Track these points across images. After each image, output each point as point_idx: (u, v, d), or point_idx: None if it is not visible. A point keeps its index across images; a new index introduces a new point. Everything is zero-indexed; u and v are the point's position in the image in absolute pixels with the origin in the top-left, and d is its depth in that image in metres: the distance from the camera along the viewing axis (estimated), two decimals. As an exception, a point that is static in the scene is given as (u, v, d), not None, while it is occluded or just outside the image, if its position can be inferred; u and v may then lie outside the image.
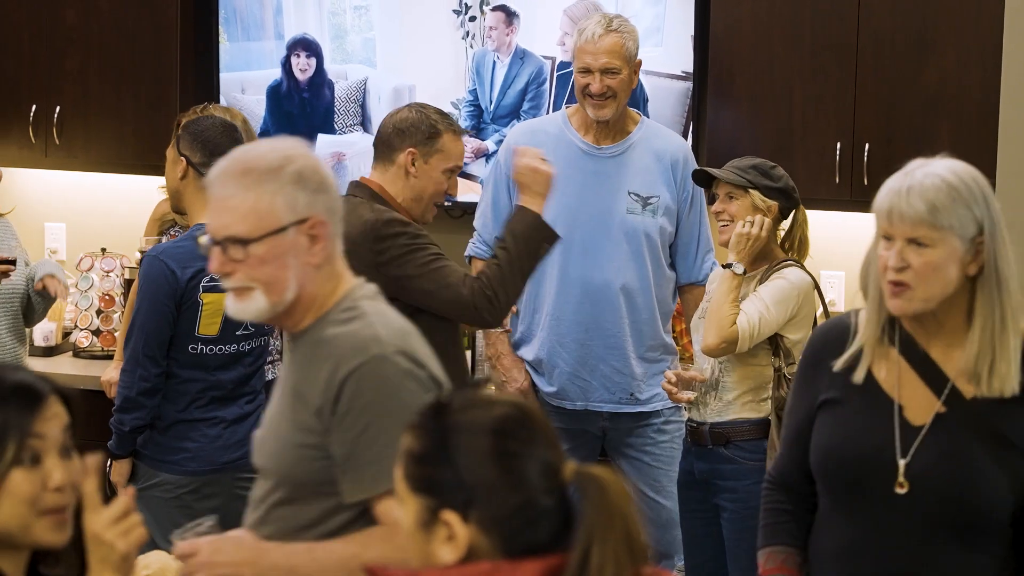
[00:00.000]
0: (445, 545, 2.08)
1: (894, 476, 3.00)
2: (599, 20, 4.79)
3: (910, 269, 2.92)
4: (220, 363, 4.60)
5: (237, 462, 4.67)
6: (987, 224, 2.94)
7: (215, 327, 4.56)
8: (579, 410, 4.94)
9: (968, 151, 4.93)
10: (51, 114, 5.84)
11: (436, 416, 2.14)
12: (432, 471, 2.10)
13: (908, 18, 5.05)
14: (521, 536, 2.07)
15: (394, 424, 2.63)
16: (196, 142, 4.56)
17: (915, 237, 2.93)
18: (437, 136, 4.29)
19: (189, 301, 4.49)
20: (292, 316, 2.85)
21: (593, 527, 2.03)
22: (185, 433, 4.60)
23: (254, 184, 2.79)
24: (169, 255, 4.51)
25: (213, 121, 4.66)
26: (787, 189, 4.51)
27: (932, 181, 2.95)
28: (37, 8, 5.85)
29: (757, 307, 4.42)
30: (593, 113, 4.80)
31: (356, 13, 5.69)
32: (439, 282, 4.16)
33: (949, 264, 2.93)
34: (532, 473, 2.08)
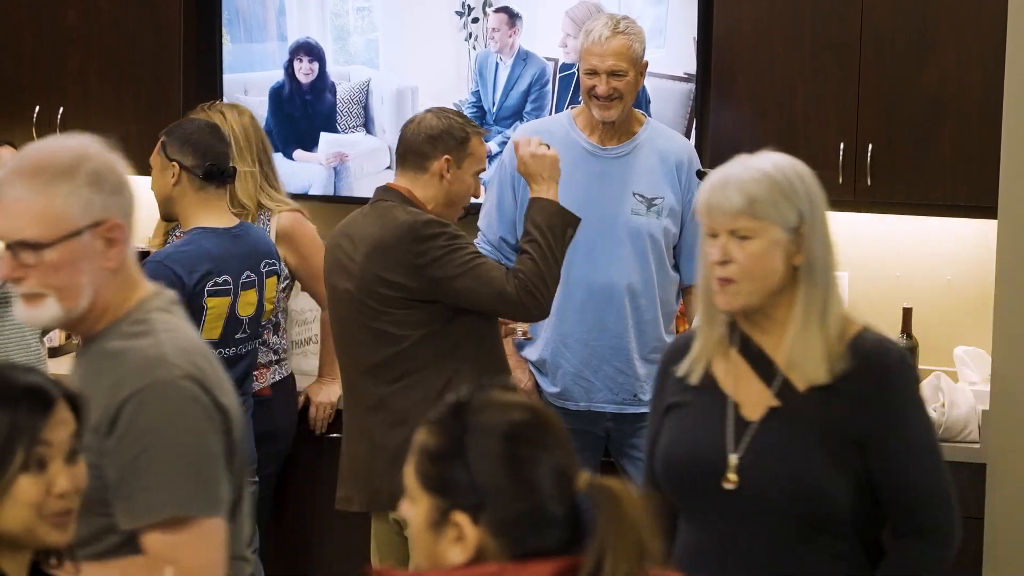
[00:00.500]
0: (454, 546, 2.08)
1: (724, 472, 3.02)
2: (606, 22, 4.80)
3: (734, 263, 2.95)
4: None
5: None
6: (808, 214, 2.98)
7: (217, 331, 4.56)
8: (582, 411, 4.94)
9: (970, 150, 5.00)
10: (54, 115, 5.84)
11: (454, 415, 2.14)
12: (446, 470, 2.10)
13: (910, 18, 5.04)
14: (530, 541, 2.07)
15: (172, 451, 2.59)
16: (186, 145, 4.55)
17: (735, 229, 2.95)
18: (467, 141, 4.34)
19: (195, 306, 4.48)
20: (85, 323, 2.73)
21: (606, 540, 2.03)
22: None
23: (46, 185, 2.64)
24: (174, 260, 4.49)
25: (198, 124, 4.66)
26: None
27: (750, 174, 2.98)
28: (38, 8, 5.85)
29: None
30: (599, 114, 4.81)
31: (359, 14, 5.68)
32: (482, 280, 4.19)
33: (772, 255, 2.96)
34: (545, 479, 2.09)
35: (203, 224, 4.57)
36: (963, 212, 5.10)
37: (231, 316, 4.58)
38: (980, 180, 4.99)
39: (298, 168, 5.77)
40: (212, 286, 4.51)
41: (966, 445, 4.88)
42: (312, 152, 5.76)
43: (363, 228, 4.31)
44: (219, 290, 4.54)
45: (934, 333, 5.33)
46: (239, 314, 4.61)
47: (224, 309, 4.56)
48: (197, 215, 4.58)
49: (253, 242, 4.68)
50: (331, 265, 4.41)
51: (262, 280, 4.67)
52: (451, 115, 4.40)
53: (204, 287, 4.50)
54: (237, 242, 4.60)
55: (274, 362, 5.16)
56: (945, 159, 5.05)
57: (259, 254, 4.68)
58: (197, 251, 4.52)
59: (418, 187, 4.34)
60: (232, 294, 4.57)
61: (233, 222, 4.65)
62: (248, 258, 4.63)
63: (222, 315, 4.55)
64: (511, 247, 4.95)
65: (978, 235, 5.29)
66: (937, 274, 5.39)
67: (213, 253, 4.53)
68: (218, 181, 4.57)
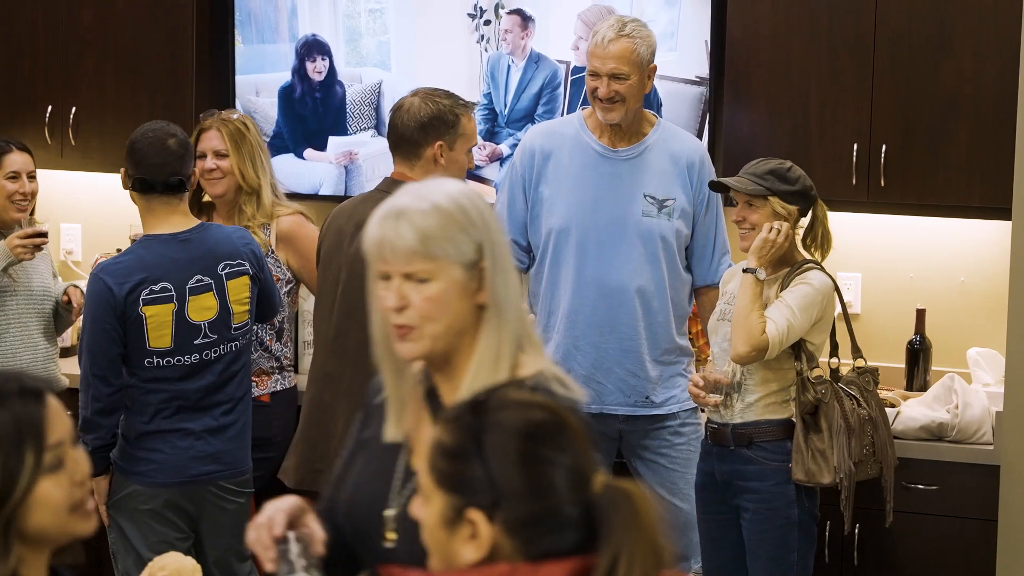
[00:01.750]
0: (468, 544, 2.08)
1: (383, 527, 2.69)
2: (612, 24, 4.79)
3: (411, 308, 2.61)
4: (181, 374, 4.57)
5: (214, 474, 4.66)
6: (487, 248, 2.63)
7: (167, 339, 4.54)
8: (594, 413, 4.92)
9: (985, 152, 4.99)
10: (67, 115, 5.85)
11: (472, 413, 2.13)
12: (462, 468, 2.09)
13: (925, 19, 5.04)
14: (544, 540, 2.07)
15: None
16: (128, 156, 4.59)
17: (411, 272, 2.60)
18: (457, 123, 4.43)
19: (132, 316, 4.48)
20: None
21: (621, 542, 2.03)
22: (152, 444, 4.59)
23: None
24: (107, 271, 4.51)
25: (145, 132, 4.63)
26: (805, 190, 4.52)
27: (420, 207, 2.62)
28: (53, 9, 5.88)
29: (784, 314, 4.43)
30: (602, 116, 4.81)
31: (371, 16, 5.69)
32: None
33: (452, 296, 2.62)
34: (561, 480, 2.07)
35: (150, 231, 4.57)
36: (977, 213, 5.09)
37: (181, 322, 4.55)
38: (995, 181, 4.99)
39: (309, 168, 5.77)
40: (148, 294, 4.49)
41: (979, 447, 4.88)
42: (323, 152, 5.76)
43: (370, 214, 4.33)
44: (156, 298, 4.51)
45: (948, 334, 5.33)
46: (191, 319, 4.57)
47: (167, 316, 4.53)
48: (146, 222, 4.61)
49: (209, 246, 4.61)
50: (330, 247, 4.50)
51: (221, 282, 4.61)
52: (438, 97, 4.45)
53: (139, 296, 4.48)
54: (185, 247, 4.56)
55: (276, 369, 5.14)
56: (960, 160, 5.04)
57: (215, 256, 4.61)
58: (131, 261, 4.53)
59: (417, 175, 4.39)
60: (176, 300, 4.54)
61: (186, 226, 4.59)
62: (197, 262, 4.57)
63: (167, 322, 4.52)
64: (521, 249, 4.96)
65: (992, 236, 5.28)
66: (951, 275, 5.38)
67: (148, 262, 4.51)
68: (156, 192, 4.54)
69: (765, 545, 4.56)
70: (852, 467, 4.48)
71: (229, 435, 4.68)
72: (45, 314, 5.26)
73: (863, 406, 4.56)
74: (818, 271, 4.52)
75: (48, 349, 5.28)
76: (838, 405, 4.48)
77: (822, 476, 4.46)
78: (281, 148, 5.75)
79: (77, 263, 6.15)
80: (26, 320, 5.20)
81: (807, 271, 4.51)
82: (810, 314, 4.45)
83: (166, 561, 3.62)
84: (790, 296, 4.47)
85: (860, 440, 4.51)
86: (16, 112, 5.92)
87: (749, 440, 4.53)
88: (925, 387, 5.23)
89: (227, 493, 4.71)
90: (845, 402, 4.51)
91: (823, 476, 4.46)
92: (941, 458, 4.90)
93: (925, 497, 4.92)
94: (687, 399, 4.80)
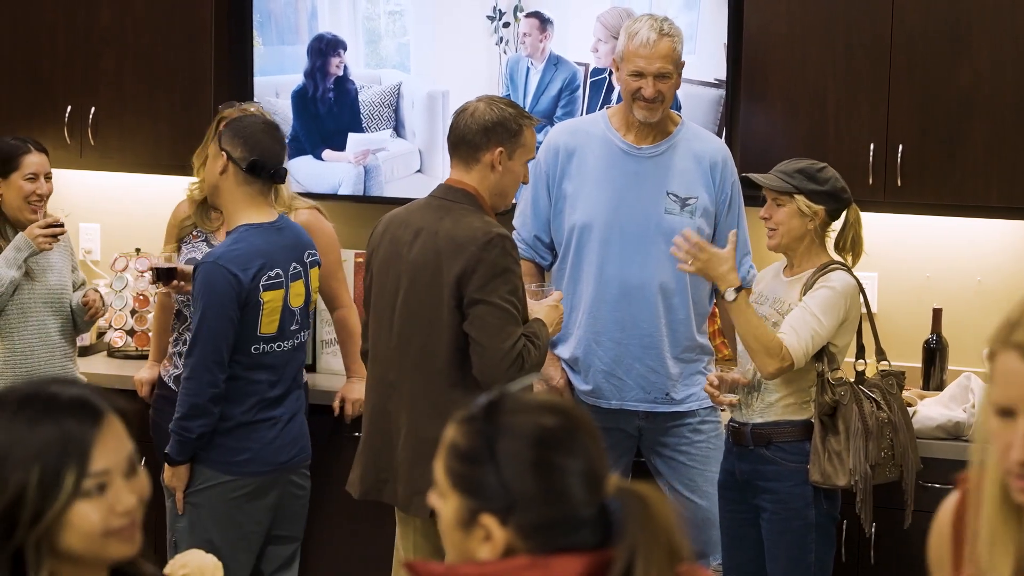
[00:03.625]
0: (482, 545, 2.09)
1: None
2: (651, 24, 4.80)
3: None
4: (280, 360, 4.65)
5: (292, 460, 4.73)
6: None
7: (275, 325, 4.62)
8: (614, 409, 4.95)
9: (1002, 151, 5.01)
10: (86, 115, 5.86)
11: (486, 416, 2.14)
12: (476, 471, 2.10)
13: (941, 18, 5.05)
14: (559, 543, 2.07)
15: None
16: (238, 138, 4.60)
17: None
18: (520, 132, 4.38)
19: (252, 302, 4.55)
20: None
21: (636, 544, 2.04)
22: (248, 434, 4.64)
23: None
24: (228, 259, 4.55)
25: (256, 119, 4.72)
26: (835, 191, 4.51)
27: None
28: (72, 9, 5.89)
29: (809, 323, 4.43)
30: (642, 116, 4.83)
31: (390, 18, 5.71)
32: (500, 324, 4.27)
33: None
34: (575, 486, 2.08)
35: (245, 220, 4.61)
36: (994, 213, 5.11)
37: (285, 309, 4.64)
38: (1012, 181, 5.01)
39: (328, 168, 5.79)
40: (266, 280, 4.57)
41: (996, 446, 4.87)
42: (341, 152, 5.78)
43: (430, 222, 4.38)
44: (273, 284, 4.59)
45: (964, 334, 5.34)
46: (291, 306, 4.66)
47: (279, 303, 4.62)
48: (239, 210, 4.62)
49: (295, 234, 4.74)
50: (387, 253, 4.45)
51: (307, 270, 4.72)
52: (503, 105, 4.42)
53: (259, 283, 4.55)
54: (281, 235, 4.66)
55: None
56: (976, 160, 5.06)
57: (302, 245, 4.73)
58: (248, 248, 4.57)
59: (475, 180, 4.38)
60: (284, 287, 4.62)
61: (274, 216, 4.69)
62: (293, 250, 4.69)
63: (277, 308, 4.60)
64: (545, 246, 4.99)
65: (1009, 236, 5.31)
66: (967, 275, 5.40)
67: (262, 248, 4.58)
68: (263, 177, 4.61)
69: (782, 545, 4.57)
70: (868, 470, 4.47)
71: (300, 420, 4.78)
72: (63, 310, 5.26)
73: (884, 409, 4.55)
74: (842, 272, 4.52)
75: (65, 347, 5.27)
76: (857, 407, 4.48)
77: (838, 478, 4.46)
78: (298, 150, 5.76)
79: (96, 263, 6.16)
80: (43, 317, 5.21)
81: (830, 272, 4.52)
82: (834, 316, 4.46)
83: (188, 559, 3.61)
84: (812, 301, 4.47)
85: (878, 443, 4.50)
86: (35, 112, 5.93)
87: (768, 440, 4.54)
88: (942, 386, 5.24)
89: (300, 479, 4.81)
90: (865, 404, 4.51)
91: (839, 478, 4.46)
92: (958, 457, 4.87)
93: (942, 496, 4.73)
94: (707, 397, 4.81)
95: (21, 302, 5.15)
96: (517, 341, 4.25)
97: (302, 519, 4.91)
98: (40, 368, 5.17)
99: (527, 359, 4.26)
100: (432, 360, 4.36)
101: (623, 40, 4.85)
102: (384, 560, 4.82)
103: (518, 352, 4.24)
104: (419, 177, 5.67)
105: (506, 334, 4.25)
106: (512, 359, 4.24)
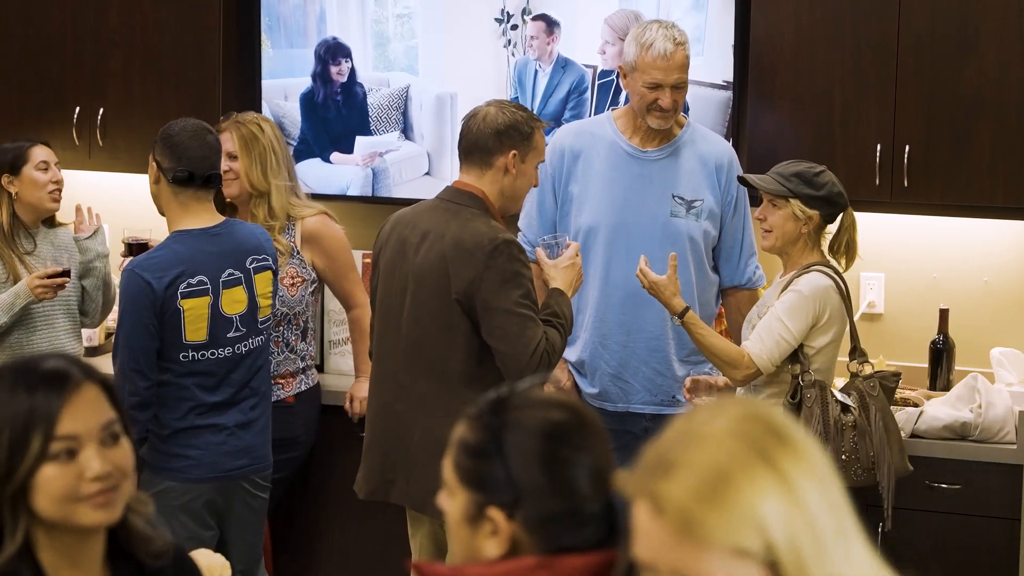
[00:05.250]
0: (489, 540, 2.11)
1: None
2: (664, 34, 4.79)
3: None
4: (217, 368, 4.61)
5: (246, 468, 4.69)
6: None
7: (203, 332, 4.57)
8: (620, 412, 4.96)
9: (1008, 151, 5.02)
10: (94, 116, 5.89)
11: (494, 411, 2.16)
12: (483, 466, 2.12)
13: (948, 19, 5.06)
14: (564, 537, 2.09)
15: None
16: (166, 148, 4.60)
17: None
18: (532, 135, 4.39)
19: (169, 310, 4.51)
20: None
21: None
22: (187, 440, 4.60)
23: None
24: (144, 267, 4.53)
25: (186, 125, 4.67)
26: (830, 196, 4.50)
27: None
28: (81, 10, 5.91)
29: (774, 328, 4.44)
30: (657, 125, 4.84)
31: (399, 21, 5.72)
32: (520, 329, 4.27)
33: None
34: (581, 480, 2.10)
35: (181, 227, 4.59)
36: (1001, 213, 5.11)
37: (217, 315, 4.60)
38: (1018, 181, 5.01)
39: (337, 171, 5.80)
40: (185, 288, 4.53)
41: (1002, 446, 4.88)
42: (349, 154, 5.79)
43: (437, 225, 4.38)
44: (193, 291, 4.55)
45: (971, 334, 5.35)
46: (225, 312, 4.62)
47: (204, 310, 4.57)
48: (175, 217, 4.61)
49: (237, 240, 4.67)
50: (393, 254, 4.45)
51: (249, 276, 4.67)
52: (514, 108, 4.43)
53: (176, 290, 4.52)
54: (215, 241, 4.61)
55: (301, 371, 5.18)
56: (983, 160, 5.06)
57: (243, 251, 4.66)
58: (167, 255, 4.55)
59: (485, 184, 4.38)
60: (212, 293, 4.59)
61: (215, 221, 4.64)
62: (228, 256, 4.63)
63: (203, 315, 4.56)
64: (548, 247, 5.01)
65: (1016, 236, 5.32)
66: (974, 275, 5.40)
67: (183, 255, 4.54)
68: (194, 186, 4.58)
69: None
70: None
71: (256, 429, 4.71)
72: (71, 312, 5.30)
73: (851, 412, 4.48)
74: (815, 274, 4.49)
75: (74, 349, 5.30)
76: (819, 410, 4.44)
77: None
78: (307, 153, 5.77)
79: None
80: (53, 320, 5.23)
81: (803, 275, 4.50)
82: (800, 320, 4.43)
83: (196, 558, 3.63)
84: (779, 306, 4.47)
85: (837, 446, 4.44)
86: (44, 113, 5.95)
87: None
88: (948, 387, 5.24)
89: (255, 488, 4.74)
90: (831, 407, 4.46)
91: None
92: (964, 457, 4.89)
93: (948, 496, 4.92)
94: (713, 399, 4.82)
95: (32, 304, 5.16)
96: (539, 343, 4.25)
97: (258, 526, 4.83)
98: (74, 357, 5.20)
99: (552, 354, 4.28)
100: (445, 362, 4.36)
101: (635, 50, 4.82)
102: (393, 559, 4.83)
103: (541, 352, 4.25)
104: (427, 180, 5.68)
105: (526, 339, 4.25)
106: (537, 361, 4.25)
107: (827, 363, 4.53)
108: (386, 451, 4.47)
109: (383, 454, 4.49)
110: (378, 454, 4.50)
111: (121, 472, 2.35)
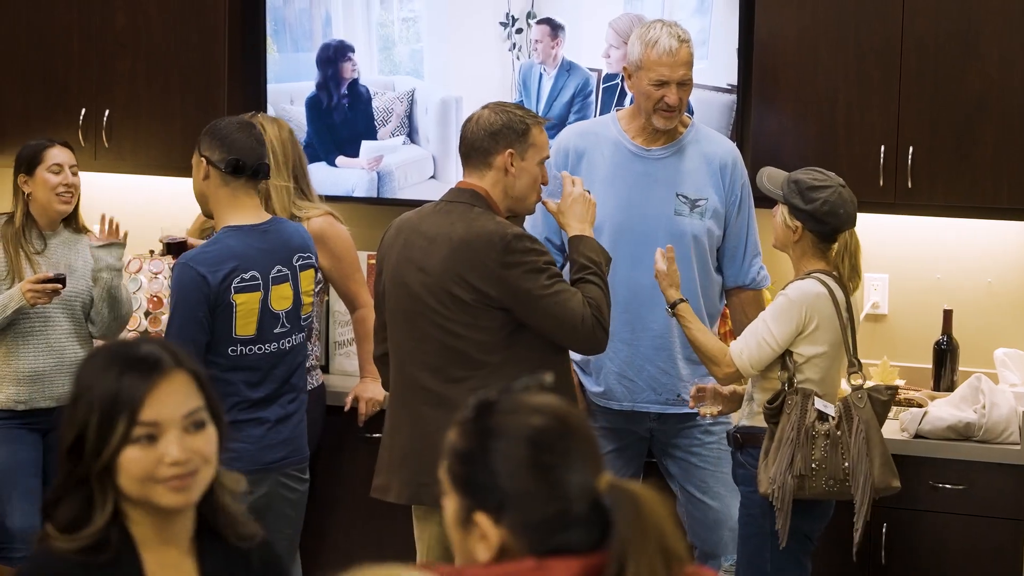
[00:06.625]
0: (479, 543, 2.11)
1: None
2: (669, 31, 4.81)
3: None
4: (262, 363, 4.63)
5: (282, 461, 4.72)
6: None
7: (252, 327, 4.60)
8: (626, 410, 4.96)
9: (1012, 153, 5.03)
10: (100, 117, 5.91)
11: (480, 416, 2.16)
12: (470, 471, 2.13)
13: (951, 21, 5.07)
14: (552, 541, 2.09)
15: None
16: (214, 140, 4.61)
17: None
18: (528, 131, 4.38)
19: (223, 303, 4.54)
20: None
21: (626, 543, 2.04)
22: (232, 434, 4.61)
23: None
24: (198, 260, 4.55)
25: (230, 120, 4.70)
26: (817, 214, 4.42)
27: None
28: (87, 12, 5.94)
29: (758, 331, 4.44)
30: (663, 124, 4.85)
31: (404, 25, 5.73)
32: (562, 306, 4.27)
33: None
34: (566, 485, 2.10)
35: (231, 222, 4.62)
36: (1004, 214, 5.11)
37: (265, 311, 4.62)
38: (1022, 182, 5.03)
39: (341, 175, 5.82)
40: (239, 283, 4.56)
41: (1007, 447, 4.88)
42: (355, 158, 5.81)
43: (442, 227, 4.36)
44: (246, 286, 4.58)
45: (974, 335, 5.35)
46: (273, 308, 4.65)
47: (255, 305, 4.60)
48: (226, 212, 4.63)
49: (284, 237, 4.71)
50: (400, 259, 4.44)
51: (295, 274, 4.70)
52: (509, 108, 4.43)
53: (230, 284, 4.54)
54: (265, 237, 4.64)
55: (308, 370, 5.19)
56: (986, 161, 5.07)
57: (290, 248, 4.70)
58: (221, 250, 4.58)
59: (488, 184, 4.38)
60: (262, 289, 4.62)
61: (263, 218, 4.68)
62: (277, 253, 4.66)
63: (254, 311, 4.59)
64: (556, 248, 4.98)
65: (1019, 237, 5.33)
66: (978, 276, 5.41)
67: (237, 251, 4.57)
68: (245, 176, 4.60)
69: (745, 549, 4.56)
70: (790, 480, 4.35)
71: (295, 422, 4.75)
72: (76, 316, 5.30)
73: (828, 422, 4.41)
74: (808, 281, 4.45)
75: (78, 353, 5.29)
76: (796, 417, 4.39)
77: (760, 484, 4.41)
78: (312, 157, 5.77)
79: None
80: (56, 323, 5.24)
81: (795, 281, 4.49)
82: (785, 325, 4.40)
83: None
84: (768, 309, 4.49)
85: (808, 454, 4.38)
86: (50, 114, 5.97)
87: (741, 444, 4.55)
88: (952, 387, 5.25)
89: (292, 481, 4.77)
90: (808, 415, 4.40)
91: (761, 484, 4.41)
92: (968, 458, 4.89)
93: (952, 497, 4.92)
94: (718, 398, 4.82)
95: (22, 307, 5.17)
96: (583, 311, 4.27)
97: (295, 520, 4.86)
98: (49, 370, 5.22)
99: (599, 310, 4.30)
100: (472, 363, 4.35)
101: (639, 49, 4.84)
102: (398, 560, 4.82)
103: (589, 316, 4.27)
104: (432, 183, 5.69)
105: (570, 313, 4.26)
106: (591, 326, 4.28)
107: (821, 374, 4.46)
108: (420, 455, 4.38)
109: (417, 459, 4.40)
110: (414, 460, 4.42)
111: (202, 458, 2.48)
